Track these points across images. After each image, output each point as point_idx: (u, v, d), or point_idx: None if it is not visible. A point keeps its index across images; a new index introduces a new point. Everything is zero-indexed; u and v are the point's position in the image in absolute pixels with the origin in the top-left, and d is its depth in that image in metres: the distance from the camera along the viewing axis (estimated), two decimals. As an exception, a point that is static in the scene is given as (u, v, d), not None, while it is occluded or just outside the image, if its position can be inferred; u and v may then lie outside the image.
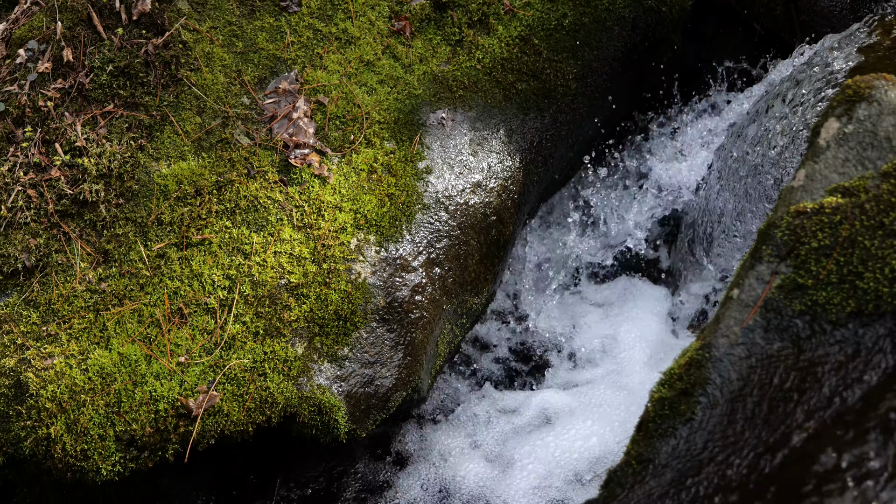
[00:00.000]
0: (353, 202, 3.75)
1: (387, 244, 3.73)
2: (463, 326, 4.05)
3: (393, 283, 3.69)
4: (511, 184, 4.03)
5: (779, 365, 2.41)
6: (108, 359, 3.49)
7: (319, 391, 3.54)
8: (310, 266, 3.64)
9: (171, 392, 3.45)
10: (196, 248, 3.65)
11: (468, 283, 3.92)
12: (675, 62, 4.67)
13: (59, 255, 3.66)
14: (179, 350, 3.51)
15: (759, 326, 2.49)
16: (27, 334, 3.55)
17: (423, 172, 3.86)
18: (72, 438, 3.41)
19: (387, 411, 3.70)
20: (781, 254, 2.54)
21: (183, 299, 3.58)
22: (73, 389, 3.44)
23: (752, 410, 2.36)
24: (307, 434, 3.59)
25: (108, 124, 3.82)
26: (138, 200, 3.73)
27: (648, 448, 2.46)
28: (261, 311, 3.57)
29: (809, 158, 2.70)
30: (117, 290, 3.60)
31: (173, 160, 3.78)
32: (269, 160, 3.78)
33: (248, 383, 3.49)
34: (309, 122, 3.85)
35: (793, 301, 2.47)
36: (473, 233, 3.90)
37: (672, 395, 2.50)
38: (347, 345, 3.61)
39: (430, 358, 3.83)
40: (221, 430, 3.47)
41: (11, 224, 3.72)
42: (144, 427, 3.42)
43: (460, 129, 3.97)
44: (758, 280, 2.55)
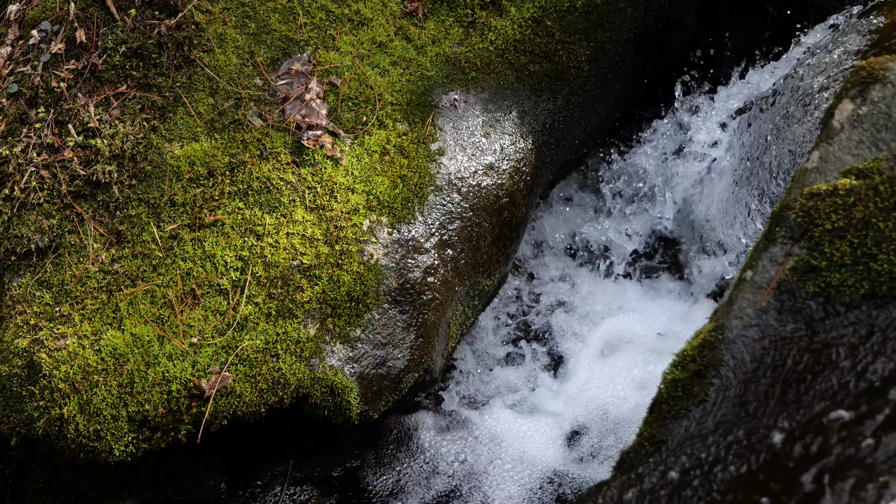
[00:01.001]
0: (365, 183, 3.75)
1: (399, 226, 3.73)
2: (475, 308, 4.05)
3: (405, 264, 3.69)
4: (523, 166, 4.02)
5: (792, 347, 2.40)
6: (121, 339, 3.50)
7: (332, 372, 3.54)
8: (322, 247, 3.64)
9: (184, 373, 3.46)
10: (209, 229, 3.65)
11: (480, 264, 3.92)
12: (688, 44, 4.65)
13: (72, 236, 3.66)
14: (192, 331, 3.52)
15: (773, 308, 2.48)
16: (40, 315, 3.56)
17: (436, 154, 3.86)
18: (85, 419, 3.42)
19: (399, 392, 3.70)
20: (795, 235, 2.53)
21: (195, 280, 3.58)
22: (86, 370, 3.45)
23: (765, 392, 2.35)
24: (319, 415, 3.59)
25: (121, 105, 3.83)
26: (151, 181, 3.73)
27: (661, 429, 2.46)
28: (273, 292, 3.58)
29: (823, 140, 2.69)
30: (130, 271, 3.61)
31: (186, 141, 3.78)
32: (282, 141, 3.78)
33: (261, 364, 3.50)
34: (321, 104, 3.84)
35: (806, 283, 2.47)
36: (486, 215, 3.90)
37: (685, 377, 2.50)
38: (360, 326, 3.62)
39: (442, 339, 3.83)
40: (234, 411, 3.48)
41: (24, 205, 3.72)
42: (157, 408, 3.43)
43: (473, 110, 3.96)
44: (771, 262, 2.55)
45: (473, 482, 3.85)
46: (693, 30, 4.62)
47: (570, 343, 4.32)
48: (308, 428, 3.96)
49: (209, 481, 3.93)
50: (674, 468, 2.31)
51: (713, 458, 2.26)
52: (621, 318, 4.35)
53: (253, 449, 3.99)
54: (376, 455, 3.99)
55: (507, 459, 3.89)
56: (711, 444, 2.30)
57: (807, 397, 2.25)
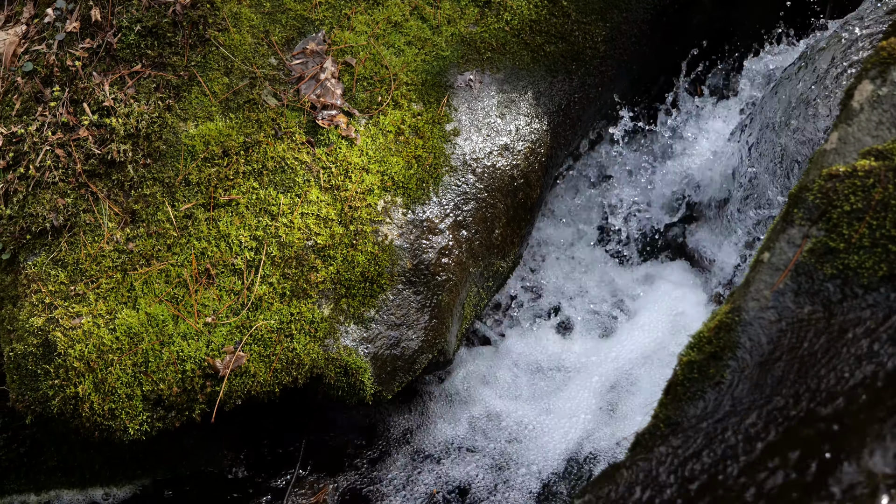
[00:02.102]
0: (380, 164, 3.74)
1: (414, 206, 3.72)
2: (489, 289, 4.04)
3: (420, 245, 3.69)
4: (539, 146, 4.01)
5: (809, 329, 2.39)
6: (136, 318, 3.50)
7: (346, 353, 3.54)
8: (337, 228, 3.63)
9: (198, 352, 3.46)
10: (223, 208, 3.65)
11: (495, 246, 3.91)
12: (705, 25, 4.62)
13: (86, 215, 3.66)
14: (206, 310, 3.52)
15: (790, 290, 2.47)
16: (55, 294, 3.57)
17: (451, 134, 3.85)
18: (99, 397, 3.43)
19: (413, 373, 3.70)
20: (813, 217, 2.51)
21: (210, 260, 3.58)
22: (101, 349, 3.46)
23: (782, 374, 2.34)
24: (333, 395, 3.60)
25: (136, 84, 3.82)
26: (166, 161, 3.73)
27: (677, 411, 2.45)
28: (287, 272, 3.58)
29: (842, 121, 2.67)
30: (145, 251, 3.61)
31: (201, 120, 3.78)
32: (297, 121, 3.77)
33: (275, 344, 3.50)
34: (336, 84, 3.83)
35: (824, 265, 2.45)
36: (501, 196, 3.89)
37: (701, 359, 2.49)
38: (374, 307, 3.61)
39: (456, 321, 3.83)
40: (248, 391, 3.49)
41: (40, 183, 3.73)
42: (171, 387, 3.44)
43: (488, 91, 3.95)
44: (789, 243, 2.53)
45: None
46: (710, 10, 4.59)
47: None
48: (322, 408, 3.97)
49: (223, 461, 3.94)
50: (689, 450, 2.31)
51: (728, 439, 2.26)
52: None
53: (267, 428, 3.99)
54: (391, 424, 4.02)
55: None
56: (727, 426, 2.30)
57: (824, 380, 2.24)
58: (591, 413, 3.93)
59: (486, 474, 3.83)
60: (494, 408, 4.03)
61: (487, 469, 3.85)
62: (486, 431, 3.96)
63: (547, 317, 4.35)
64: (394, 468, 3.88)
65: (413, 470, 3.87)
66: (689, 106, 4.62)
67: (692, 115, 4.59)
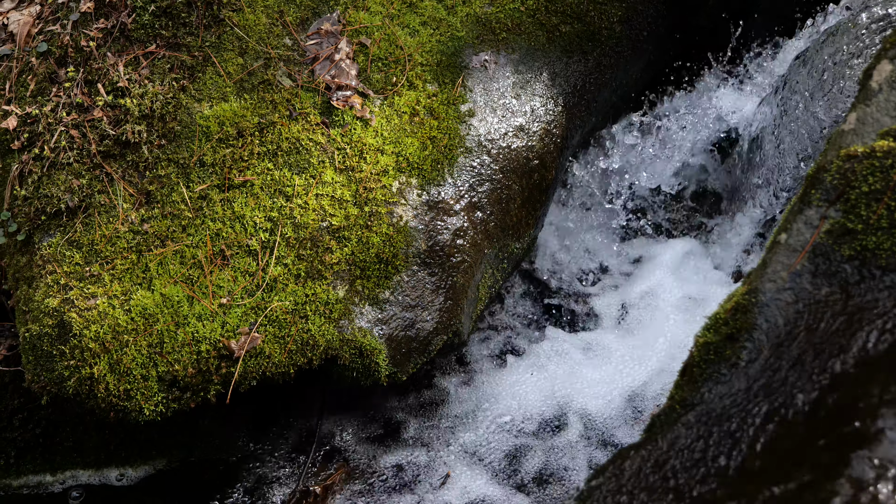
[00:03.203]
0: (395, 145, 3.73)
1: (429, 187, 3.72)
2: (504, 271, 4.03)
3: (434, 226, 3.68)
4: (554, 127, 3.99)
5: (826, 310, 2.38)
6: (151, 300, 3.51)
7: (360, 334, 3.54)
8: (351, 209, 3.63)
9: (213, 333, 3.46)
10: (238, 189, 3.65)
11: (510, 227, 3.90)
12: (724, 4, 4.59)
13: (101, 196, 3.67)
14: (221, 292, 3.53)
15: (807, 271, 2.45)
16: (70, 275, 3.57)
17: (466, 115, 3.83)
18: (115, 378, 3.44)
19: (427, 355, 3.70)
20: (831, 198, 2.50)
21: (225, 241, 3.58)
22: (116, 330, 3.47)
23: (798, 356, 2.33)
24: (348, 377, 3.60)
25: (151, 65, 3.82)
26: (180, 141, 3.73)
27: (693, 392, 2.45)
28: (302, 253, 3.57)
29: (861, 101, 2.65)
30: (160, 232, 3.61)
31: (215, 101, 3.77)
32: (311, 102, 3.77)
33: (290, 325, 3.50)
34: (351, 64, 3.82)
35: (842, 246, 2.44)
36: (516, 177, 3.88)
37: (717, 340, 2.48)
38: (388, 288, 3.61)
39: (471, 302, 3.82)
40: (263, 372, 3.49)
41: (54, 164, 3.73)
42: (187, 368, 3.44)
43: (503, 71, 3.93)
44: (806, 224, 2.52)
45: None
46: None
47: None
48: (337, 389, 3.97)
49: (238, 441, 3.95)
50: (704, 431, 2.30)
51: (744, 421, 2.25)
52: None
53: (281, 410, 4.00)
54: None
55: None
56: (743, 408, 2.29)
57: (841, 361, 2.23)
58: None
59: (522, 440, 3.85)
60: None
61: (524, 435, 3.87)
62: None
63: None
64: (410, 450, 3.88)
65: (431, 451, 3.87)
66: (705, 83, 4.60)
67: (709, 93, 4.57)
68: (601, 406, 3.90)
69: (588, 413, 3.89)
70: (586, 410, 3.90)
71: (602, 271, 4.51)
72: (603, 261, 4.53)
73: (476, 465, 3.80)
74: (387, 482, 3.78)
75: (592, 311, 4.36)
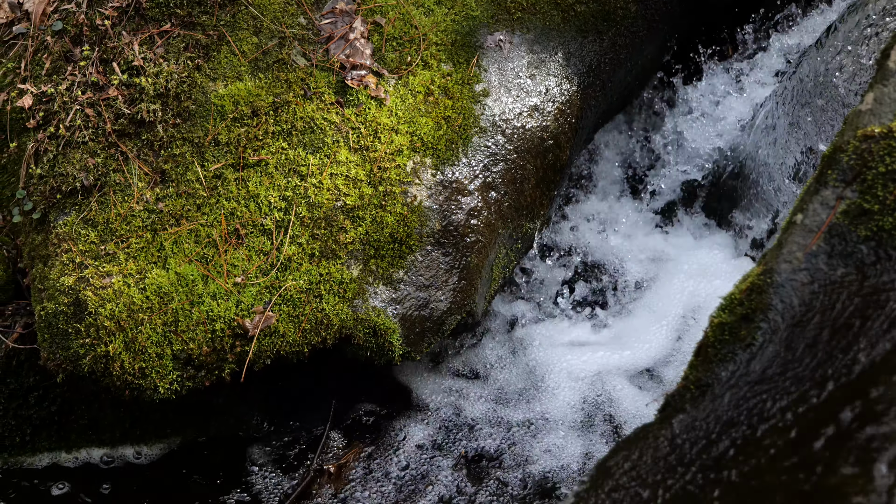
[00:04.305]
0: (409, 124, 3.73)
1: (443, 167, 3.71)
2: (518, 251, 4.03)
3: (449, 206, 3.68)
4: (568, 108, 3.98)
5: (842, 291, 2.37)
6: (166, 278, 3.52)
7: (374, 313, 3.55)
8: (366, 188, 3.63)
9: (228, 312, 3.47)
10: (252, 168, 3.65)
11: (524, 207, 3.90)
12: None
13: (116, 175, 3.67)
14: (236, 270, 3.53)
15: (823, 252, 2.45)
16: (85, 253, 3.58)
17: (480, 95, 3.83)
18: (130, 356, 3.45)
19: (441, 335, 3.70)
20: (847, 178, 2.49)
21: (239, 220, 3.59)
22: (131, 308, 3.48)
23: (813, 337, 2.33)
24: (362, 356, 3.61)
25: (165, 43, 3.82)
26: (195, 120, 3.73)
27: (707, 373, 2.44)
28: (317, 232, 3.58)
29: (878, 81, 2.63)
30: (174, 210, 3.62)
31: (230, 80, 3.77)
32: (326, 81, 3.76)
33: (304, 304, 3.50)
34: (366, 43, 3.82)
35: (858, 226, 2.43)
36: (530, 157, 3.87)
37: (732, 321, 2.47)
38: (402, 268, 3.61)
39: (484, 282, 3.83)
40: (277, 351, 3.50)
41: (70, 143, 3.73)
42: (201, 346, 3.45)
43: (518, 51, 3.92)
44: (822, 205, 2.51)
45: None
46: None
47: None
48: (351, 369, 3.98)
49: (252, 420, 3.96)
50: (719, 411, 2.30)
51: (759, 401, 2.25)
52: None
53: (296, 390, 4.01)
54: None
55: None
56: (757, 389, 2.29)
57: (856, 342, 2.23)
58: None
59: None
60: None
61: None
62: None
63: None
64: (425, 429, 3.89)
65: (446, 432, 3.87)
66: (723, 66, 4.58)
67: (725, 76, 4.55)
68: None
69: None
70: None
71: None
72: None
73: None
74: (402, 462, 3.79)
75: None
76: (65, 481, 3.83)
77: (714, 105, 4.52)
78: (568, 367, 3.99)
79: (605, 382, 3.92)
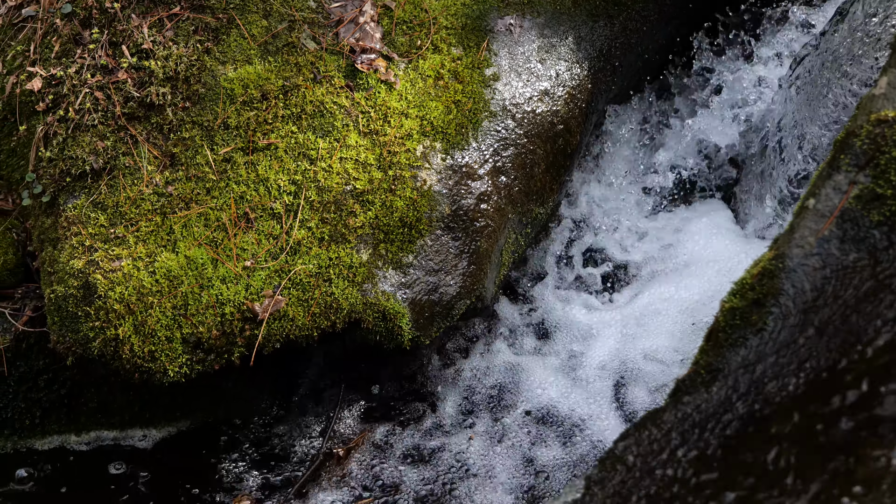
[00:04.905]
0: (419, 108, 3.72)
1: (453, 151, 3.70)
2: (527, 236, 4.03)
3: (458, 190, 3.67)
4: (579, 92, 3.97)
5: (854, 276, 2.36)
6: (175, 262, 3.52)
7: (384, 297, 3.55)
8: (375, 172, 3.62)
9: (238, 296, 3.47)
10: (262, 152, 3.65)
11: (534, 192, 3.89)
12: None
13: (126, 158, 3.67)
14: (245, 254, 3.53)
15: (835, 237, 2.44)
16: (95, 236, 3.58)
17: (491, 79, 3.82)
18: (139, 340, 3.45)
19: (451, 319, 3.70)
20: (860, 163, 2.48)
21: (249, 204, 3.58)
22: (141, 291, 3.48)
23: (825, 322, 2.32)
24: (371, 340, 3.61)
25: (175, 27, 3.81)
26: (205, 104, 3.72)
27: (718, 358, 2.44)
28: (326, 216, 3.57)
29: (891, 65, 2.62)
30: (184, 194, 3.61)
31: (239, 64, 3.76)
32: (336, 65, 3.75)
33: (314, 288, 3.50)
34: (375, 27, 3.80)
35: (871, 211, 2.42)
36: (540, 141, 3.86)
37: (743, 306, 2.46)
38: (412, 252, 3.61)
39: (494, 267, 3.82)
40: (287, 335, 3.50)
41: (79, 126, 3.73)
42: (211, 330, 3.45)
43: (528, 35, 3.91)
44: (835, 190, 2.50)
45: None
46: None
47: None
48: (359, 353, 3.98)
49: (261, 404, 3.96)
50: (729, 396, 2.29)
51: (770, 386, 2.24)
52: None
53: (305, 374, 4.01)
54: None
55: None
56: (769, 374, 2.28)
57: (868, 326, 2.22)
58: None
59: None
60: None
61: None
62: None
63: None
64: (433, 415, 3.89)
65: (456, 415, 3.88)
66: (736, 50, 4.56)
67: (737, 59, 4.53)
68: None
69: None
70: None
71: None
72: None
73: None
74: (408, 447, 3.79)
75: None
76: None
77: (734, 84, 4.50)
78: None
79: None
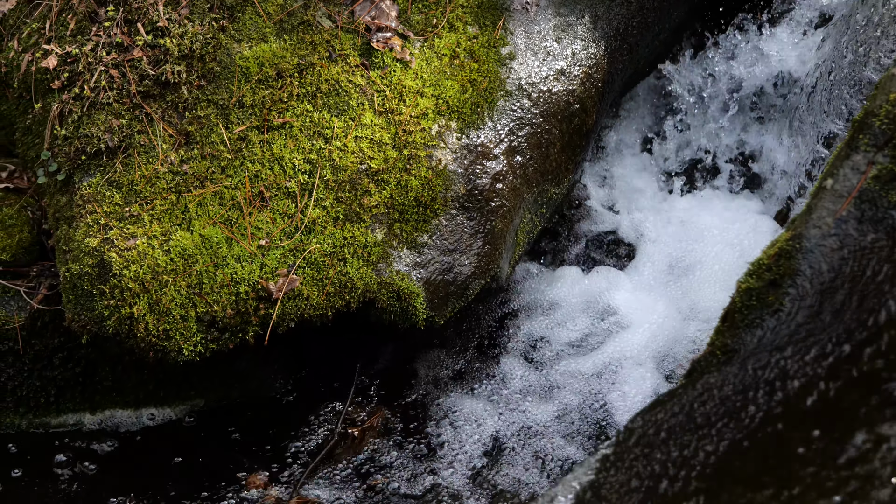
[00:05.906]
0: (434, 87, 3.70)
1: (468, 131, 3.69)
2: (543, 216, 4.01)
3: (473, 170, 3.66)
4: (595, 72, 3.95)
5: (872, 257, 2.35)
6: (190, 240, 3.51)
7: (398, 277, 3.54)
8: (390, 152, 3.61)
9: (252, 275, 3.47)
10: (277, 131, 3.64)
11: (549, 172, 3.87)
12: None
13: (141, 136, 3.67)
14: (260, 233, 3.53)
15: (853, 217, 2.42)
16: (110, 214, 3.58)
17: (506, 58, 3.80)
18: (154, 318, 3.46)
19: (465, 299, 3.69)
20: (879, 143, 2.46)
21: (264, 183, 3.58)
22: (156, 270, 3.48)
23: (842, 303, 2.31)
24: (386, 320, 3.60)
25: (190, 4, 3.80)
26: (220, 82, 3.71)
27: (734, 338, 2.43)
28: (341, 196, 3.57)
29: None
30: (199, 172, 3.61)
31: (255, 42, 3.75)
32: (351, 43, 3.74)
33: (328, 268, 3.50)
34: (391, 5, 3.79)
35: (889, 192, 2.40)
36: (556, 121, 3.84)
37: (760, 286, 2.45)
38: (427, 232, 3.60)
39: (509, 247, 3.81)
40: (301, 314, 3.50)
41: (94, 104, 3.73)
42: (226, 309, 3.45)
43: (545, 14, 3.89)
44: (853, 170, 2.48)
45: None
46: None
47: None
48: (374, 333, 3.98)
49: (275, 384, 3.97)
50: (745, 377, 2.28)
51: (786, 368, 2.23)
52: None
53: (319, 353, 4.01)
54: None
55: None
56: (785, 354, 2.27)
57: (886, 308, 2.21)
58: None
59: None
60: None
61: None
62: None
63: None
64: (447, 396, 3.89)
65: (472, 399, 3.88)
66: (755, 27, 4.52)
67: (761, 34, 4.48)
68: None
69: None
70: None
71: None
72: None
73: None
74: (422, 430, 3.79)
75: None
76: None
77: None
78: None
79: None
